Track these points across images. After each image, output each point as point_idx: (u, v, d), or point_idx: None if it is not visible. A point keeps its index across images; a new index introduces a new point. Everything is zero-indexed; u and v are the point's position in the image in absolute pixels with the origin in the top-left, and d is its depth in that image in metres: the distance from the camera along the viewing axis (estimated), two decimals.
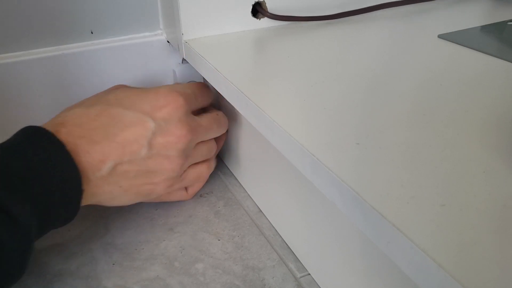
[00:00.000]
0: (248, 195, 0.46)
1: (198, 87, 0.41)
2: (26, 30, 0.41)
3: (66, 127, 0.33)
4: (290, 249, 0.39)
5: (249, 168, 0.45)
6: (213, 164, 0.44)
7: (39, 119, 0.44)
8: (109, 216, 0.43)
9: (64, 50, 0.43)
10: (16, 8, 0.40)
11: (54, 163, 0.30)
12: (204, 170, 0.42)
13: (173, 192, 0.42)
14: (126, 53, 0.45)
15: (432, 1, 0.54)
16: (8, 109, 0.43)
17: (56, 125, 0.33)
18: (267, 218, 0.43)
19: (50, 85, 0.43)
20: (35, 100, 0.43)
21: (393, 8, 0.51)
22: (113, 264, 0.38)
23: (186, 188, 0.43)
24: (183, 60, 0.47)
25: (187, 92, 0.38)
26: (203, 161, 0.42)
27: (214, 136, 0.42)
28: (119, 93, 0.37)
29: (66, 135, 0.32)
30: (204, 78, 0.48)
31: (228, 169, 0.50)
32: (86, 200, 0.34)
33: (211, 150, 0.42)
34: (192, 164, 0.41)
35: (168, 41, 0.46)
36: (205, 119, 0.40)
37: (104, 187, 0.34)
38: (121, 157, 0.34)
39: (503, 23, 0.48)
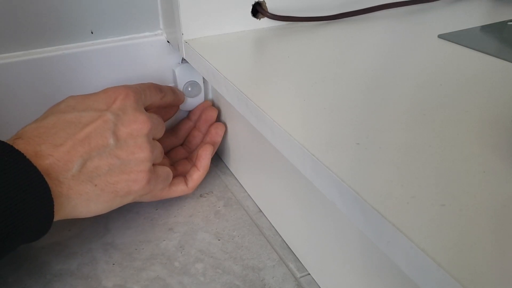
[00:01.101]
0: (248, 195, 0.46)
1: (145, 85, 0.41)
2: (26, 30, 0.41)
3: (23, 139, 0.32)
4: (290, 249, 0.39)
5: (249, 168, 0.45)
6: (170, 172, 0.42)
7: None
8: (109, 216, 0.43)
9: (64, 50, 0.43)
10: (16, 8, 0.40)
11: (11, 170, 0.29)
12: (168, 170, 0.41)
13: (173, 186, 0.42)
14: (126, 53, 0.45)
15: (432, 1, 0.54)
16: (7, 109, 0.43)
17: (12, 140, 0.32)
18: (267, 218, 0.43)
19: (49, 85, 0.43)
20: (35, 100, 0.43)
21: (392, 8, 0.51)
22: (113, 264, 0.38)
23: (186, 182, 0.43)
24: (183, 60, 0.47)
25: (134, 86, 0.39)
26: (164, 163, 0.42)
27: (162, 129, 0.41)
28: (70, 100, 0.36)
29: (25, 145, 0.31)
30: (204, 78, 0.48)
31: (228, 169, 0.50)
32: (62, 206, 0.32)
33: (162, 152, 0.41)
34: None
35: (168, 41, 0.46)
36: (153, 114, 0.40)
37: (78, 188, 0.33)
38: (89, 153, 0.33)
39: (503, 23, 0.48)
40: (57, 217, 0.33)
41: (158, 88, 0.42)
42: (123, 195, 0.36)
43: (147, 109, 0.40)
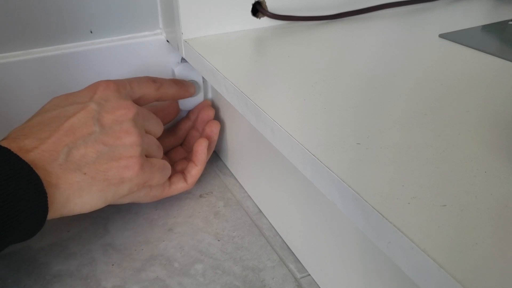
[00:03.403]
0: (248, 195, 0.46)
1: (135, 77, 0.40)
2: (25, 30, 0.41)
3: (7, 139, 0.32)
4: (290, 249, 0.39)
5: (249, 168, 0.45)
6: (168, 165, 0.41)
7: None
8: (109, 217, 0.43)
9: (63, 49, 0.43)
10: (15, 7, 0.40)
11: None
12: (164, 161, 0.40)
13: (173, 184, 0.42)
14: (126, 52, 0.45)
15: (433, 1, 0.53)
16: (6, 109, 0.42)
17: None
18: (267, 219, 0.43)
19: (49, 85, 0.43)
20: (34, 100, 0.43)
21: (393, 8, 0.51)
22: (113, 264, 0.38)
23: (185, 179, 0.43)
24: (182, 59, 0.47)
25: (118, 79, 0.38)
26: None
27: (157, 125, 0.40)
28: (54, 100, 0.36)
29: (9, 143, 0.31)
30: (203, 78, 0.48)
31: (228, 169, 0.50)
32: (55, 198, 0.31)
33: (158, 147, 0.40)
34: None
35: (167, 40, 0.46)
36: (143, 108, 0.39)
37: (68, 177, 0.32)
38: (74, 141, 0.33)
39: (504, 23, 0.47)
40: (52, 211, 0.31)
41: (150, 79, 0.41)
42: (117, 183, 0.34)
43: (141, 103, 0.40)
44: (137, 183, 0.36)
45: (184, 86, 0.45)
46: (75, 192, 0.33)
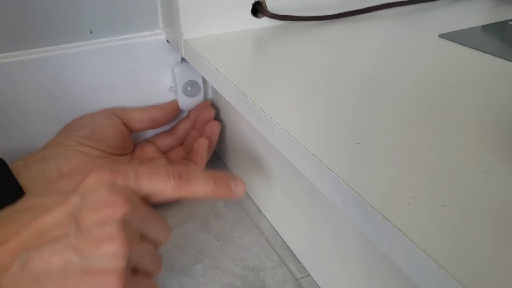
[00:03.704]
0: (248, 195, 0.46)
1: (154, 167, 0.31)
2: (25, 30, 0.41)
3: None
4: (290, 249, 0.39)
5: (249, 168, 0.45)
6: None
7: (37, 120, 0.44)
8: None
9: (63, 49, 0.43)
10: (15, 7, 0.40)
11: None
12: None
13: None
14: (126, 52, 0.45)
15: (433, 1, 0.53)
16: (6, 109, 0.42)
17: None
18: (267, 219, 0.43)
19: (49, 85, 0.43)
20: (34, 100, 0.43)
21: (393, 8, 0.51)
22: None
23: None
24: (182, 59, 0.47)
25: (124, 167, 0.30)
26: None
27: (161, 230, 0.30)
28: (36, 192, 0.30)
29: None
30: (203, 78, 0.48)
31: (228, 169, 0.50)
32: None
33: (155, 260, 0.30)
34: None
35: (167, 41, 0.46)
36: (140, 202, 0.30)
37: None
38: (39, 245, 0.25)
39: (504, 23, 0.47)
40: None
41: (172, 174, 0.31)
42: None
43: (152, 201, 0.31)
44: None
45: (225, 186, 0.32)
46: None
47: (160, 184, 0.30)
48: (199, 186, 0.31)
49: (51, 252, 0.25)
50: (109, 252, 0.25)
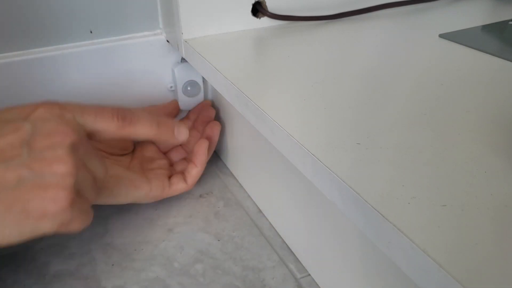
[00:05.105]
0: (248, 195, 0.46)
1: (98, 108, 0.34)
2: (25, 30, 0.41)
3: None
4: (290, 249, 0.39)
5: (249, 168, 0.45)
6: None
7: None
8: (109, 217, 0.43)
9: (63, 49, 0.43)
10: (15, 7, 0.40)
11: None
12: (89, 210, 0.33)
13: (173, 185, 0.42)
14: (126, 52, 0.45)
15: (433, 1, 0.53)
16: None
17: None
18: (267, 219, 0.43)
19: (48, 85, 0.43)
20: (34, 100, 0.43)
21: (393, 8, 0.51)
22: (113, 264, 0.38)
23: (185, 179, 0.43)
24: (182, 59, 0.47)
25: (72, 103, 0.33)
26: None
27: (99, 166, 0.33)
28: None
29: None
30: (203, 78, 0.48)
31: (228, 169, 0.50)
32: None
33: (93, 189, 0.32)
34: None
35: (167, 40, 0.46)
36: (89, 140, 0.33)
37: None
38: None
39: (504, 23, 0.47)
40: None
41: (116, 115, 0.34)
42: (37, 217, 0.28)
43: (96, 138, 0.33)
44: (60, 222, 0.29)
45: (168, 131, 0.37)
46: None
47: (103, 123, 0.33)
48: (142, 128, 0.35)
49: (5, 168, 0.27)
50: (60, 171, 0.28)
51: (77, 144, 0.30)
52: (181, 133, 0.39)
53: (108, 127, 0.33)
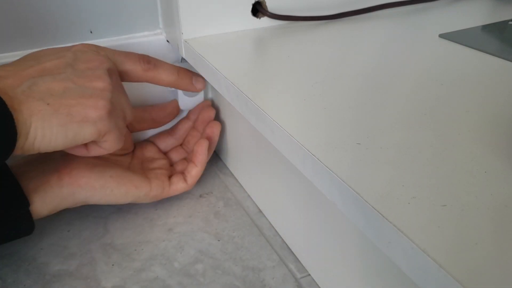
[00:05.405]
0: (248, 195, 0.46)
1: (128, 52, 0.40)
2: (25, 30, 0.41)
3: None
4: (290, 249, 0.39)
5: (249, 168, 0.45)
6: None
7: None
8: (108, 217, 0.43)
9: None
10: (15, 7, 0.40)
11: None
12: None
13: (173, 185, 0.42)
14: None
15: (433, 1, 0.53)
16: None
17: None
18: (267, 219, 0.43)
19: None
20: None
21: (393, 8, 0.51)
22: (113, 264, 0.38)
23: (185, 179, 0.43)
24: (182, 59, 0.47)
25: (105, 47, 0.38)
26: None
27: (127, 104, 0.38)
28: (41, 51, 0.36)
29: None
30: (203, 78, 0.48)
31: (228, 169, 0.50)
32: (19, 123, 0.30)
33: (130, 110, 0.38)
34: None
35: (167, 40, 0.46)
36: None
37: (30, 104, 0.30)
38: (42, 75, 0.32)
39: (504, 23, 0.47)
40: (18, 140, 0.30)
41: (142, 58, 0.40)
42: (79, 121, 0.32)
43: (125, 79, 0.39)
44: (100, 129, 0.33)
45: (187, 78, 0.43)
46: (37, 122, 0.31)
47: (131, 64, 0.39)
48: (164, 73, 0.41)
49: (53, 80, 0.32)
50: (99, 87, 0.34)
51: (111, 71, 0.36)
52: (199, 82, 0.44)
53: (135, 68, 0.39)
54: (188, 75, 0.43)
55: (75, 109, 0.32)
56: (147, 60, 0.40)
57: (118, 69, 0.38)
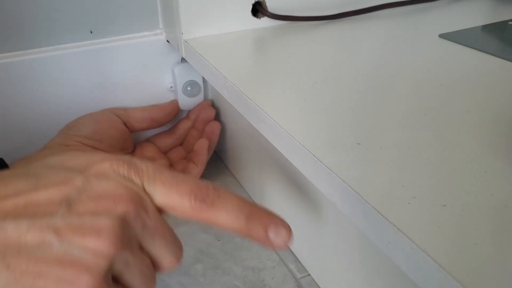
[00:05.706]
0: (248, 195, 0.46)
1: (181, 176, 0.27)
2: (25, 30, 0.41)
3: None
4: (290, 249, 0.39)
5: (248, 168, 0.45)
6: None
7: (37, 119, 0.44)
8: None
9: (63, 49, 0.43)
10: (15, 7, 0.40)
11: None
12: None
13: None
14: (126, 52, 0.45)
15: (433, 1, 0.53)
16: (5, 109, 0.42)
17: None
18: None
19: (49, 85, 0.43)
20: (34, 100, 0.43)
21: (393, 8, 0.51)
22: None
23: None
24: (182, 59, 0.47)
25: (148, 162, 0.26)
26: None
27: (169, 251, 0.25)
28: (58, 155, 0.27)
29: None
30: (203, 78, 0.48)
31: (228, 169, 0.50)
32: None
33: (148, 278, 0.25)
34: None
35: (167, 40, 0.46)
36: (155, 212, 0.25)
37: None
38: (20, 215, 0.22)
39: (504, 23, 0.47)
40: None
41: (193, 192, 0.25)
42: None
43: (169, 215, 0.26)
44: None
45: (261, 228, 0.26)
46: None
47: (177, 198, 0.25)
48: (225, 216, 0.26)
49: (29, 227, 0.21)
50: (92, 246, 0.21)
51: (132, 217, 0.23)
52: (280, 236, 0.25)
53: (182, 205, 0.25)
54: (262, 224, 0.26)
55: (43, 282, 0.21)
56: (201, 198, 0.26)
57: (156, 202, 0.25)
